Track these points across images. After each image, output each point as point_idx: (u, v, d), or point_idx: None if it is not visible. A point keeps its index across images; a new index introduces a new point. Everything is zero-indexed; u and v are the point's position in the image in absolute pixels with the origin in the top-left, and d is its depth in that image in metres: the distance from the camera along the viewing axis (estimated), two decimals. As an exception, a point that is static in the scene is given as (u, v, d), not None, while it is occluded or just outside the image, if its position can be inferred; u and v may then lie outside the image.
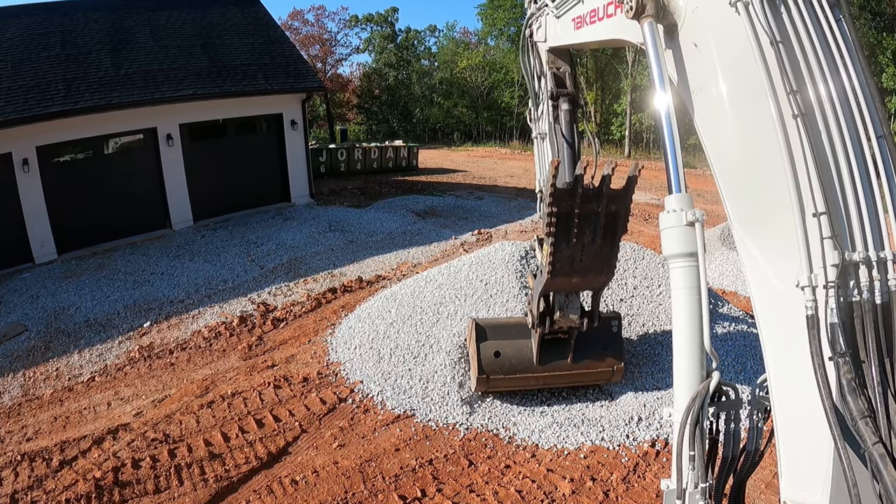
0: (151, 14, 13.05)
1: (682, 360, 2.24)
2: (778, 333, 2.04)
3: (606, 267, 4.20)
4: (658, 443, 5.41)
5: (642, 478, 4.96)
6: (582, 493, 4.71)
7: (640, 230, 13.52)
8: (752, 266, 2.14)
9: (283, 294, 9.07)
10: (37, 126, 9.98)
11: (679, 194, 2.28)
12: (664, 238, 2.29)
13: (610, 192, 3.67)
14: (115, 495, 4.72)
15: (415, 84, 37.20)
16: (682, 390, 2.24)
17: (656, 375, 6.55)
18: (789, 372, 1.99)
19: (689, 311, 2.21)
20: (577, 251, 3.94)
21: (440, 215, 14.17)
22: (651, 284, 7.98)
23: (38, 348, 7.72)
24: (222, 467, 4.97)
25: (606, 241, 3.96)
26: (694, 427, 2.11)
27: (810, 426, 1.86)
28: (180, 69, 12.01)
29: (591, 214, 3.76)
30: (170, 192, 11.91)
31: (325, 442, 5.27)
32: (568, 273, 4.11)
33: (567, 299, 4.73)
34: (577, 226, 3.77)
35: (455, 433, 5.44)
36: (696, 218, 2.17)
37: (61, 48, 11.29)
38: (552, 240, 3.86)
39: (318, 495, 4.58)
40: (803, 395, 1.87)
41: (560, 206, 3.65)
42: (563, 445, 5.31)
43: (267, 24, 14.72)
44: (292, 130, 13.48)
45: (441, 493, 4.64)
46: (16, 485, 4.90)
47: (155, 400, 6.25)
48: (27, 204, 10.28)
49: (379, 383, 6.07)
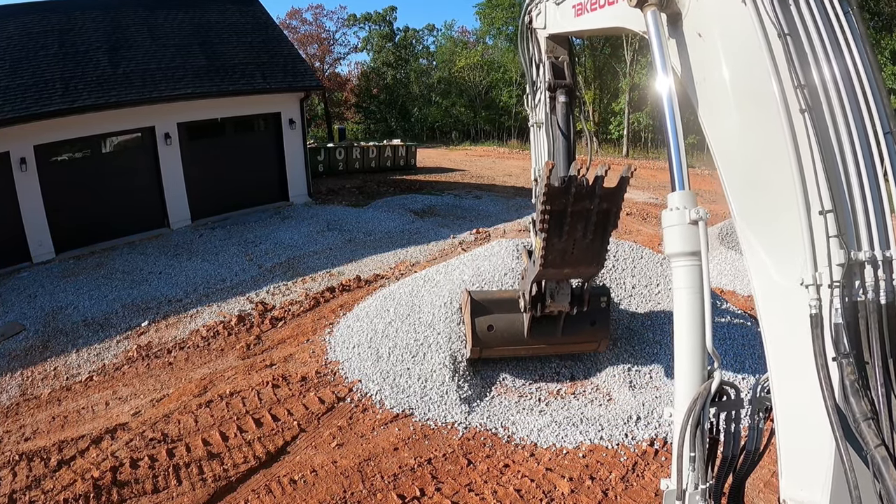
0: (149, 13, 13.01)
1: (683, 361, 2.22)
2: (780, 331, 2.02)
3: (596, 259, 4.39)
4: (657, 442, 5.40)
5: (641, 476, 4.96)
6: (581, 493, 4.70)
7: (639, 229, 13.52)
8: (756, 263, 2.11)
9: (281, 293, 9.06)
10: (34, 125, 9.94)
11: (682, 192, 2.23)
12: (666, 236, 2.24)
13: (602, 192, 3.79)
14: (114, 495, 4.70)
15: (413, 83, 37.15)
16: (682, 390, 2.22)
17: (655, 374, 6.55)
18: (791, 371, 1.97)
19: (691, 311, 2.18)
20: (569, 245, 4.11)
21: (438, 214, 14.16)
22: (650, 283, 7.99)
23: (35, 348, 7.69)
24: (221, 467, 4.95)
25: (597, 236, 4.12)
26: (695, 429, 2.08)
27: (812, 426, 1.85)
28: (178, 68, 11.98)
29: (584, 212, 3.90)
30: (168, 192, 11.88)
31: (324, 441, 5.26)
32: (559, 265, 4.31)
33: (558, 286, 4.96)
34: (569, 223, 3.93)
35: (454, 432, 5.43)
36: (700, 216, 2.13)
37: (59, 47, 11.25)
38: (545, 235, 4.00)
39: (317, 494, 4.58)
40: (805, 394, 1.85)
41: (553, 204, 3.79)
42: (561, 444, 5.30)
43: (265, 23, 14.68)
44: (290, 129, 13.46)
45: (440, 492, 4.64)
46: (14, 485, 4.87)
47: (153, 399, 6.23)
48: (25, 203, 10.24)
49: (377, 382, 6.06)
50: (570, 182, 3.70)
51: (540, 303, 5.15)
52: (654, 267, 8.25)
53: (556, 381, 6.38)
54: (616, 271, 8.16)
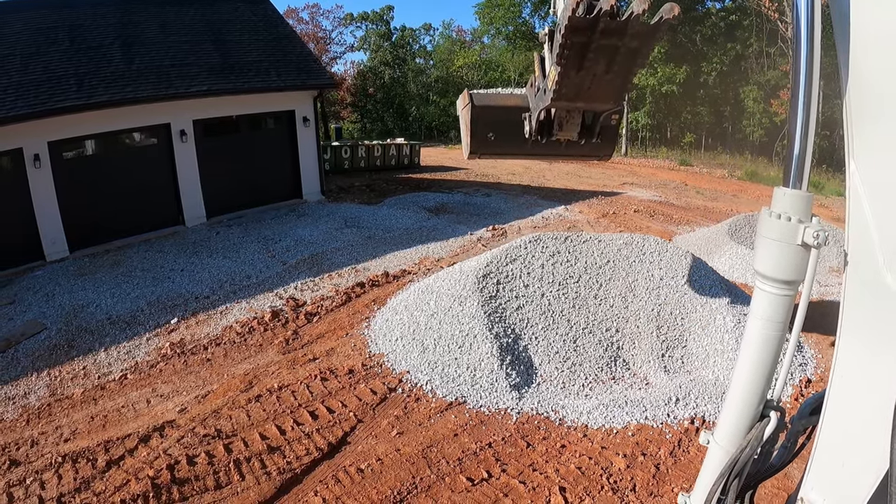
0: (159, 9, 12.86)
1: (738, 397, 1.83)
2: (865, 333, 1.62)
3: (615, 96, 3.87)
4: (696, 420, 5.65)
5: (687, 452, 5.19)
6: (635, 467, 4.91)
7: (648, 226, 13.72)
8: (859, 246, 1.59)
9: (309, 289, 9.03)
10: (48, 121, 9.78)
11: (798, 192, 1.62)
12: (761, 247, 1.66)
13: (636, 30, 3.23)
14: (174, 493, 4.62)
15: (410, 82, 37.14)
16: (729, 423, 1.86)
17: (686, 360, 6.76)
18: (860, 380, 1.64)
19: (762, 350, 1.72)
20: (587, 79, 3.60)
21: (452, 212, 14.22)
22: (676, 275, 8.15)
23: (60, 346, 7.56)
24: (283, 460, 4.94)
25: (620, 74, 3.56)
26: (735, 478, 1.77)
27: (863, 441, 1.60)
28: (192, 65, 11.87)
29: (610, 48, 3.37)
30: (183, 189, 11.76)
31: (383, 431, 5.29)
32: (573, 98, 3.82)
33: (568, 115, 4.41)
34: (591, 58, 3.40)
35: (508, 417, 5.52)
36: (817, 241, 1.54)
37: (70, 42, 11.07)
38: (560, 69, 3.51)
39: (387, 481, 4.60)
40: (867, 407, 1.57)
41: (574, 38, 3.25)
42: (611, 425, 5.49)
43: (276, 21, 14.61)
44: (304, 127, 13.41)
45: (506, 472, 4.71)
46: (61, 488, 4.74)
47: (198, 396, 6.18)
48: (38, 200, 10.08)
49: (426, 373, 6.11)
50: (598, 16, 3.09)
51: (547, 130, 4.56)
52: (679, 259, 8.41)
53: (596, 369, 6.50)
54: (643, 264, 8.31)
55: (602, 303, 7.13)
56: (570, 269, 7.39)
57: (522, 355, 6.36)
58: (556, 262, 7.47)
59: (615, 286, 7.37)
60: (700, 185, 19.79)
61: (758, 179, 21.17)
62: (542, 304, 6.91)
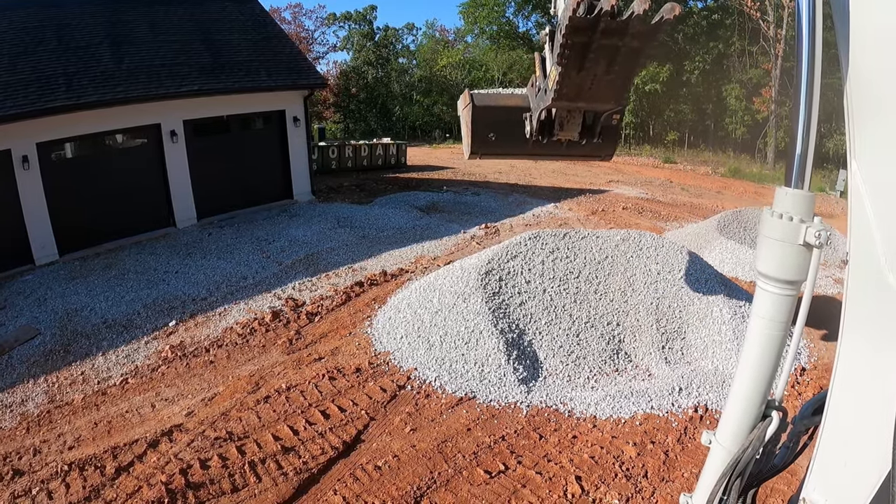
0: (147, 8, 12.65)
1: (740, 397, 1.84)
2: (867, 332, 1.61)
3: (616, 96, 3.93)
4: (700, 408, 5.85)
5: (693, 439, 5.39)
6: (646, 455, 5.08)
7: (637, 223, 13.99)
8: (861, 245, 1.58)
9: (307, 289, 9.02)
10: (37, 122, 9.56)
11: (800, 192, 1.64)
12: (763, 247, 1.67)
13: (636, 30, 3.27)
14: (190, 497, 4.57)
15: (394, 82, 37.06)
16: (731, 423, 1.87)
17: (686, 351, 6.97)
18: (863, 378, 1.64)
19: (764, 349, 1.74)
20: (588, 79, 3.65)
21: (443, 210, 14.29)
22: (672, 269, 8.36)
23: (56, 352, 7.43)
24: (299, 460, 4.95)
25: (620, 74, 3.64)
26: (737, 478, 1.78)
27: (865, 441, 1.61)
28: (182, 65, 11.71)
29: (610, 48, 3.42)
30: (174, 190, 11.61)
31: (397, 427, 5.34)
32: (574, 98, 3.88)
33: (569, 115, 4.47)
34: (591, 58, 3.46)
35: (518, 411, 5.63)
36: (818, 241, 1.55)
37: (58, 42, 10.83)
38: (561, 69, 3.55)
39: (406, 477, 4.66)
40: (869, 407, 1.58)
41: (574, 38, 3.28)
42: (618, 415, 5.66)
43: (265, 21, 14.49)
44: (294, 127, 13.34)
45: (521, 464, 4.83)
46: (69, 497, 4.62)
47: (204, 398, 6.14)
48: (27, 203, 9.84)
49: (434, 369, 6.18)
50: (599, 16, 3.14)
51: (548, 130, 4.62)
52: (674, 255, 8.63)
53: (599, 362, 6.66)
54: (641, 259, 8.51)
55: (602, 297, 7.29)
56: (570, 265, 7.53)
57: (528, 350, 6.48)
58: (556, 258, 7.61)
59: (614, 281, 7.53)
60: (685, 182, 20.21)
61: (741, 176, 21.70)
62: (545, 300, 7.03)
